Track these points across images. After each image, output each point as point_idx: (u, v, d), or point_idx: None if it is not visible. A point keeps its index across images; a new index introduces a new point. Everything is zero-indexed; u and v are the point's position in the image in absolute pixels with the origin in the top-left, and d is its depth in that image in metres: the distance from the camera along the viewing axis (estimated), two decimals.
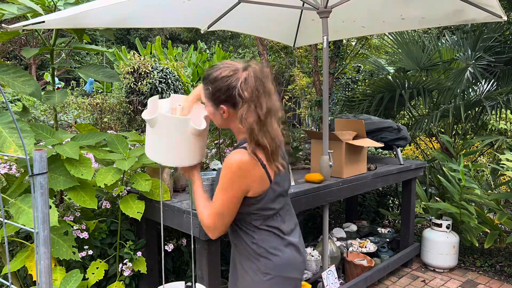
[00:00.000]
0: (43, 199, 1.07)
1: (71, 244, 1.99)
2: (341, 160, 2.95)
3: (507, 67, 4.52)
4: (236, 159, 1.38)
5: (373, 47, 8.62)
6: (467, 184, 3.58)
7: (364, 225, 4.23)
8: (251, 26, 3.87)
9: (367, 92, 5.24)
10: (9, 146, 1.60)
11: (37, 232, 1.08)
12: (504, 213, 3.54)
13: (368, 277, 3.19)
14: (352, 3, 2.96)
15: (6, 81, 1.93)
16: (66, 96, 2.28)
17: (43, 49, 2.30)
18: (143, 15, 2.73)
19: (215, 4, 3.13)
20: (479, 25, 4.60)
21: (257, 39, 6.73)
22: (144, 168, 2.53)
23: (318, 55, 6.56)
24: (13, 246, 2.35)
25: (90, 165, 2.05)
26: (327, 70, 2.77)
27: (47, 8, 2.32)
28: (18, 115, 2.15)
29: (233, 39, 20.06)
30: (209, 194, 2.06)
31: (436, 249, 3.71)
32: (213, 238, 1.49)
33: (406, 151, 6.86)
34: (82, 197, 2.06)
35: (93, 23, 2.43)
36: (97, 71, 2.44)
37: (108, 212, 2.57)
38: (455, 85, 4.43)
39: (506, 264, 3.86)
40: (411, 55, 4.95)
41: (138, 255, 2.34)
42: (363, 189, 3.13)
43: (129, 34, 20.15)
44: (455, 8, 3.12)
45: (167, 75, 7.37)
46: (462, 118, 4.19)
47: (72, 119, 5.85)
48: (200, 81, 9.77)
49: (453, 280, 3.59)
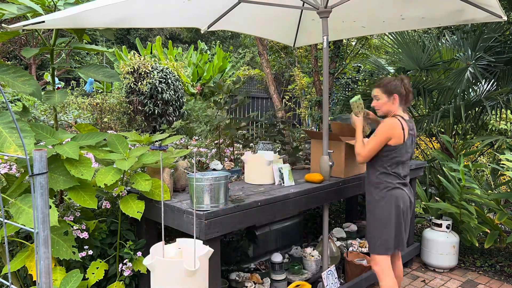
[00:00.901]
0: (43, 199, 1.07)
1: (71, 244, 1.99)
2: (341, 160, 2.95)
3: (507, 67, 4.51)
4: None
5: (373, 47, 8.63)
6: (467, 184, 3.58)
7: (364, 225, 4.23)
8: (251, 26, 3.87)
9: (367, 92, 5.23)
10: (9, 146, 1.60)
11: (37, 232, 1.08)
12: (504, 213, 3.54)
13: (368, 277, 3.19)
14: (352, 3, 2.96)
15: (6, 81, 1.93)
16: (66, 96, 2.28)
17: (43, 49, 2.30)
18: (143, 15, 2.73)
19: (215, 4, 3.13)
20: (479, 25, 4.60)
21: (257, 39, 6.73)
22: (144, 168, 2.53)
23: (318, 55, 6.56)
24: (13, 246, 2.35)
25: (90, 165, 2.05)
26: (327, 70, 2.77)
27: (47, 8, 2.32)
28: (18, 115, 2.15)
29: (233, 39, 20.06)
30: (209, 194, 2.06)
31: (436, 249, 3.71)
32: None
33: None
34: (82, 197, 2.06)
35: (93, 23, 2.43)
36: (97, 71, 2.44)
37: (108, 212, 2.57)
38: (455, 85, 4.43)
39: (506, 264, 3.86)
40: (411, 55, 4.95)
41: (138, 255, 2.34)
42: (363, 189, 3.13)
43: (129, 34, 20.15)
44: (455, 8, 3.12)
45: (167, 75, 7.37)
46: (462, 118, 4.19)
47: (72, 119, 5.85)
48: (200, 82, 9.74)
49: (453, 280, 3.59)
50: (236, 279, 2.92)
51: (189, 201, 2.25)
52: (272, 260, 3.15)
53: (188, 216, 2.09)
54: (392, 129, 2.43)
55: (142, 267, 2.32)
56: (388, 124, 2.45)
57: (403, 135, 2.45)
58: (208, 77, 11.25)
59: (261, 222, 2.52)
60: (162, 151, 2.46)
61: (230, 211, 2.14)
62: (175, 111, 7.53)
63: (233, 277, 2.94)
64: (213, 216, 2.04)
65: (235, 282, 2.91)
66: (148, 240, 2.52)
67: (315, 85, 6.62)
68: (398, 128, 2.44)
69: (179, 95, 7.58)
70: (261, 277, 3.04)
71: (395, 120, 2.46)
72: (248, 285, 2.87)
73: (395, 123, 2.44)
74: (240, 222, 2.21)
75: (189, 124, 6.93)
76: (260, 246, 3.37)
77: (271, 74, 6.88)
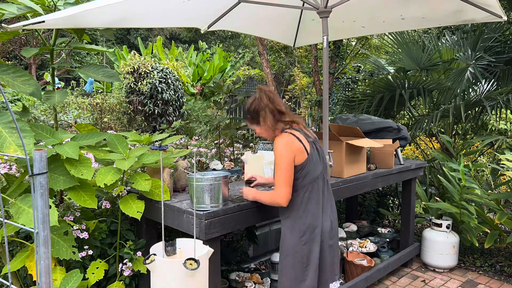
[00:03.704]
0: (43, 199, 1.07)
1: (71, 244, 1.99)
2: (341, 160, 2.95)
3: (507, 67, 4.51)
4: None
5: (373, 47, 8.63)
6: (467, 184, 3.58)
7: (364, 225, 4.23)
8: (251, 26, 3.87)
9: (367, 92, 5.23)
10: (9, 146, 1.60)
11: (37, 232, 1.08)
12: (504, 213, 3.54)
13: (368, 277, 3.19)
14: (352, 3, 2.96)
15: (6, 81, 1.93)
16: (66, 96, 2.28)
17: (43, 49, 2.30)
18: (143, 15, 2.73)
19: (215, 4, 3.13)
20: (479, 25, 4.60)
21: (257, 39, 6.73)
22: (144, 168, 2.53)
23: (318, 55, 6.56)
24: (13, 246, 2.35)
25: (90, 165, 2.05)
26: (327, 70, 2.77)
27: (47, 8, 2.32)
28: (18, 115, 2.15)
29: (233, 39, 20.06)
30: (209, 194, 2.06)
31: (436, 249, 3.71)
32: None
33: (406, 151, 6.86)
34: (82, 197, 2.06)
35: (93, 23, 2.43)
36: (97, 71, 2.43)
37: (108, 212, 2.56)
38: (455, 85, 4.43)
39: (506, 264, 3.86)
40: (411, 55, 4.95)
41: (138, 255, 2.33)
42: (363, 189, 3.13)
43: (129, 34, 20.15)
44: (455, 8, 3.12)
45: (167, 75, 7.37)
46: (462, 118, 4.19)
47: (72, 119, 5.84)
48: (200, 82, 9.72)
49: (453, 280, 3.59)
50: (236, 279, 2.92)
51: (189, 201, 2.25)
52: (272, 260, 3.15)
53: (188, 216, 2.09)
54: (289, 146, 1.98)
55: (142, 267, 2.32)
56: (279, 143, 1.99)
57: (304, 147, 2.01)
58: (208, 77, 11.25)
59: (261, 222, 2.52)
60: (162, 151, 2.46)
61: (230, 211, 2.14)
62: (175, 111, 7.53)
63: (233, 277, 2.94)
64: (213, 216, 2.04)
65: (235, 282, 2.91)
66: (148, 240, 2.52)
67: (315, 85, 6.62)
68: (296, 142, 2.00)
69: (179, 95, 7.58)
70: (261, 277, 3.04)
71: (285, 136, 2.01)
72: (248, 285, 2.87)
73: (288, 139, 2.00)
74: (240, 222, 2.21)
75: (189, 124, 6.93)
76: (260, 246, 3.37)
77: (271, 74, 6.88)
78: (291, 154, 1.97)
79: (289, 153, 1.96)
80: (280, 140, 1.99)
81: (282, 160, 1.96)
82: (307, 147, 2.02)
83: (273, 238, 3.48)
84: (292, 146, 1.98)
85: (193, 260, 1.70)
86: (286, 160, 1.96)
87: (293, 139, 2.00)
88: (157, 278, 1.75)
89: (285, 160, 1.96)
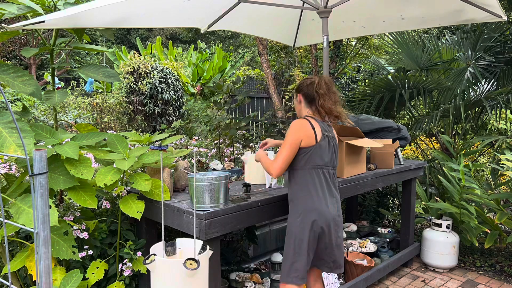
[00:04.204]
0: (43, 199, 1.07)
1: (71, 244, 1.99)
2: (341, 160, 2.95)
3: (507, 67, 4.52)
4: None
5: (373, 47, 8.63)
6: (467, 184, 3.58)
7: (364, 225, 4.23)
8: (251, 26, 3.87)
9: (367, 92, 5.23)
10: (9, 146, 1.60)
11: (37, 232, 1.08)
12: (504, 213, 3.54)
13: (368, 277, 3.19)
14: (352, 3, 2.96)
15: (6, 81, 1.93)
16: (66, 96, 2.28)
17: (43, 49, 2.30)
18: (143, 15, 2.73)
19: (215, 4, 3.13)
20: (479, 25, 4.60)
21: (257, 39, 6.73)
22: (144, 168, 2.53)
23: (318, 55, 6.56)
24: (13, 246, 2.35)
25: (90, 165, 2.05)
26: (327, 70, 2.77)
27: (47, 8, 2.32)
28: (18, 115, 2.15)
29: (233, 39, 20.07)
30: (209, 194, 2.06)
31: (436, 249, 3.71)
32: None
33: (406, 151, 6.86)
34: (82, 197, 2.06)
35: (93, 23, 2.43)
36: (97, 71, 2.43)
37: (108, 212, 2.56)
38: (455, 85, 4.43)
39: (506, 264, 3.86)
40: (411, 55, 4.95)
41: (138, 255, 2.34)
42: (363, 189, 3.13)
43: (129, 34, 20.15)
44: (455, 8, 3.12)
45: (167, 75, 7.37)
46: (462, 118, 4.19)
47: (72, 119, 5.84)
48: (200, 82, 9.69)
49: (453, 280, 3.59)
50: (236, 279, 2.92)
51: (189, 201, 2.25)
52: (272, 260, 3.15)
53: (188, 216, 2.09)
54: (298, 130, 2.15)
55: (142, 267, 2.32)
56: (293, 125, 2.17)
57: (314, 134, 2.15)
58: (208, 77, 11.25)
59: (261, 222, 2.52)
60: (162, 151, 2.46)
61: (230, 211, 2.14)
62: (175, 111, 7.53)
63: (233, 277, 2.94)
64: (213, 216, 2.04)
65: (235, 282, 2.91)
66: (148, 240, 2.52)
67: None
68: (308, 128, 2.15)
69: (179, 95, 7.58)
70: (261, 277, 3.04)
71: (301, 120, 2.18)
72: (248, 285, 2.87)
73: (302, 123, 2.16)
74: (240, 222, 2.22)
75: (189, 124, 6.93)
76: (260, 246, 3.37)
77: (271, 74, 6.88)
78: (298, 137, 2.14)
79: (296, 136, 2.14)
80: (294, 123, 2.19)
81: (288, 139, 2.15)
82: (318, 136, 2.17)
83: (273, 238, 3.48)
84: (301, 130, 2.15)
85: (193, 260, 1.70)
86: (291, 141, 2.14)
87: (306, 124, 2.16)
88: (157, 278, 1.75)
89: (290, 141, 2.14)
